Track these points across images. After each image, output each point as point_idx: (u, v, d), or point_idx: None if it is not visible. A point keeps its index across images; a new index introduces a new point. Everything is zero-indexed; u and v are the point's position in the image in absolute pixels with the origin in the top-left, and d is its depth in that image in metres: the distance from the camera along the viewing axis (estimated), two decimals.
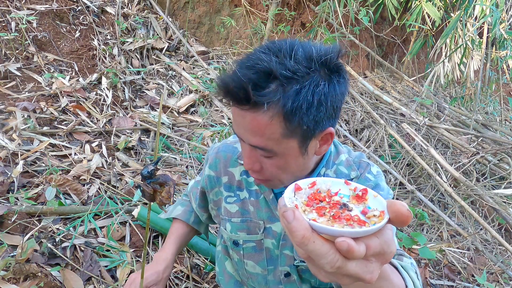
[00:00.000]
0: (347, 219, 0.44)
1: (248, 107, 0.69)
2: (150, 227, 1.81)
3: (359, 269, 0.43)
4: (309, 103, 0.69)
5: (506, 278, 2.12)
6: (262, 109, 0.68)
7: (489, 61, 3.78)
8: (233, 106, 0.73)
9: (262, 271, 1.02)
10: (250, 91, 0.66)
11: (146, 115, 2.74)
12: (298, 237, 0.41)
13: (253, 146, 0.75)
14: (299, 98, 0.68)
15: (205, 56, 3.72)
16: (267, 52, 0.69)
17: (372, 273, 0.44)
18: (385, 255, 0.45)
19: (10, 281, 1.39)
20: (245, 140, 0.76)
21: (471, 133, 3.16)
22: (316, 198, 0.48)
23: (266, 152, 0.76)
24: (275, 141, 0.73)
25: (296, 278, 0.99)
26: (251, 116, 0.70)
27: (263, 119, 0.70)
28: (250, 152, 0.78)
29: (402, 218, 0.43)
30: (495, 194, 2.48)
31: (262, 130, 0.71)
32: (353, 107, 3.34)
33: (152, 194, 0.85)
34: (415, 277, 0.71)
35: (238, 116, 0.74)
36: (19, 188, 1.82)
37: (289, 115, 0.69)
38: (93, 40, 3.05)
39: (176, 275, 1.70)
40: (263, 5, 3.69)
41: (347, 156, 0.96)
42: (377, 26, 4.10)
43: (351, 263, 0.42)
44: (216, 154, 1.04)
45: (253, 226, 0.99)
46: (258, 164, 0.80)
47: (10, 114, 2.26)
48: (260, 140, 0.73)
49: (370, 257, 0.44)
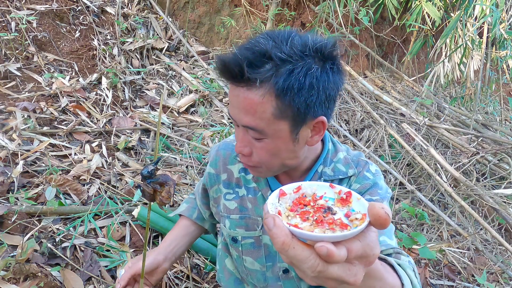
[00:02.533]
0: (329, 223, 0.45)
1: (243, 84, 0.73)
2: (150, 227, 1.81)
3: (342, 272, 0.43)
4: (300, 83, 0.71)
5: (506, 278, 2.12)
6: (255, 86, 0.72)
7: (489, 61, 3.78)
8: (229, 83, 0.77)
9: (261, 268, 1.02)
10: (244, 67, 0.70)
11: (146, 115, 2.74)
12: (278, 244, 0.42)
13: (245, 126, 0.77)
14: (291, 78, 0.70)
15: (205, 56, 3.72)
16: (265, 37, 0.73)
17: (355, 276, 0.45)
18: (368, 257, 0.45)
19: (10, 281, 1.39)
20: (238, 121, 0.78)
21: (471, 133, 3.16)
22: (300, 203, 0.49)
23: (257, 133, 0.77)
24: (266, 120, 0.74)
25: (295, 275, 1.00)
26: (244, 94, 0.73)
27: (255, 96, 0.72)
28: (242, 135, 0.80)
29: (380, 221, 0.43)
30: (495, 194, 2.48)
31: (254, 108, 0.73)
32: (353, 107, 3.34)
33: (152, 194, 0.85)
34: (413, 275, 0.71)
35: (233, 96, 0.77)
36: (19, 188, 1.82)
37: (280, 93, 0.71)
38: (93, 40, 3.05)
39: (176, 275, 1.70)
40: (263, 5, 3.69)
41: (345, 154, 0.96)
42: (377, 26, 4.09)
43: (333, 267, 0.43)
44: (216, 152, 1.06)
45: (251, 223, 0.99)
46: (249, 148, 0.81)
47: (10, 114, 2.26)
48: (251, 119, 0.75)
49: (352, 260, 0.44)
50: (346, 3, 3.33)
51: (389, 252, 0.81)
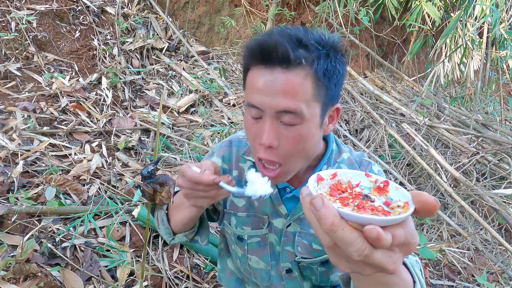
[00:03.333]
0: (371, 209, 0.45)
1: (284, 66, 0.73)
2: (150, 227, 1.81)
3: (384, 258, 0.43)
4: (334, 68, 0.77)
5: (506, 278, 2.12)
6: (297, 67, 0.73)
7: (489, 61, 3.78)
8: (261, 68, 0.75)
9: (266, 266, 1.02)
10: (289, 49, 0.71)
11: (146, 115, 2.74)
12: (327, 224, 0.41)
13: (282, 111, 0.75)
14: (327, 62, 0.75)
15: (205, 56, 3.72)
16: (289, 28, 0.76)
17: (395, 264, 0.44)
18: (409, 245, 0.45)
19: (10, 281, 1.39)
20: (273, 107, 0.75)
21: (471, 133, 3.16)
22: (338, 189, 0.49)
23: (294, 117, 0.75)
24: (306, 102, 0.75)
25: (298, 274, 1.00)
26: (284, 76, 0.73)
27: (297, 77, 0.73)
28: (271, 126, 0.77)
29: (429, 207, 0.43)
30: (495, 194, 2.48)
31: (295, 89, 0.73)
32: (353, 107, 3.34)
33: (152, 194, 0.85)
34: (420, 275, 0.71)
35: (264, 81, 0.74)
36: (19, 188, 1.82)
37: (320, 75, 0.75)
38: (93, 40, 3.05)
39: (176, 275, 1.70)
40: (263, 5, 3.69)
41: (349, 155, 0.97)
42: (377, 26, 4.10)
43: (377, 252, 0.42)
44: (229, 147, 1.02)
45: (257, 221, 0.99)
46: (278, 140, 0.78)
47: (10, 114, 2.26)
48: (292, 101, 0.74)
49: (394, 247, 0.44)
50: (346, 3, 3.33)
51: None
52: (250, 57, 0.78)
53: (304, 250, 0.95)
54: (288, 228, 0.95)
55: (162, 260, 1.74)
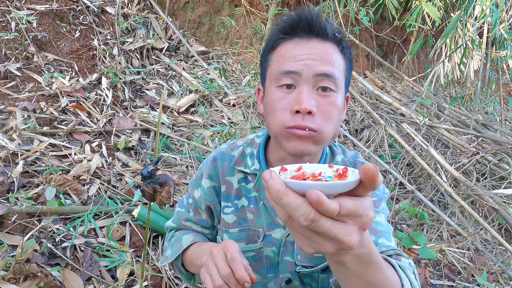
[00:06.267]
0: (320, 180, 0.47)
1: (320, 37, 0.80)
2: (150, 227, 1.81)
3: (335, 228, 0.44)
4: (350, 56, 0.85)
5: (506, 278, 2.12)
6: (331, 41, 0.80)
7: (489, 61, 3.78)
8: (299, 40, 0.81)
9: (262, 279, 1.00)
10: (326, 23, 0.79)
11: (146, 115, 2.74)
12: (274, 192, 0.44)
13: (322, 74, 0.77)
14: (349, 49, 0.84)
15: (205, 56, 3.72)
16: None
17: (350, 236, 0.45)
18: (361, 217, 0.46)
19: (10, 281, 1.39)
20: (312, 69, 0.77)
21: (471, 133, 3.16)
22: (300, 177, 0.52)
23: (332, 82, 0.78)
24: (340, 71, 0.81)
25: (298, 283, 0.98)
26: (321, 45, 0.79)
27: (332, 49, 0.80)
28: (309, 92, 0.78)
29: (369, 174, 0.44)
30: (495, 194, 2.48)
31: (333, 57, 0.79)
32: (353, 107, 3.34)
33: (152, 194, 0.85)
34: (413, 278, 0.71)
35: (304, 48, 0.79)
36: (19, 188, 1.82)
37: (346, 55, 0.83)
38: (93, 40, 3.05)
39: (176, 275, 1.70)
40: (263, 5, 3.69)
41: (342, 157, 0.96)
42: (377, 26, 4.10)
43: (327, 221, 0.44)
44: (213, 163, 0.99)
45: (251, 235, 0.96)
46: (316, 107, 0.78)
47: (10, 114, 2.26)
48: (330, 67, 0.78)
49: (345, 217, 0.45)
50: (346, 3, 3.33)
51: (390, 253, 0.80)
52: (288, 29, 0.81)
53: (304, 258, 0.93)
54: (287, 237, 0.93)
55: None
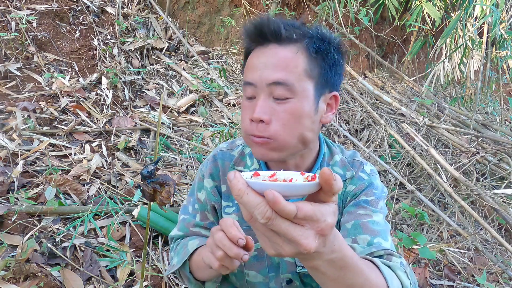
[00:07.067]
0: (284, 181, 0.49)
1: (276, 42, 0.79)
2: (150, 227, 1.81)
3: (292, 230, 0.46)
4: (328, 51, 0.81)
5: (506, 278, 2.12)
6: (289, 43, 0.79)
7: (489, 61, 3.78)
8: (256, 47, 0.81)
9: (264, 279, 0.99)
10: (281, 25, 0.78)
11: (146, 115, 2.74)
12: (235, 191, 0.46)
13: (273, 83, 0.76)
14: (322, 43, 0.80)
15: (205, 56, 3.72)
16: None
17: (307, 239, 0.46)
18: (319, 222, 0.47)
19: (10, 281, 1.39)
20: (264, 80, 0.77)
21: (471, 133, 3.16)
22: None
23: (285, 90, 0.77)
24: (297, 75, 0.77)
25: (299, 284, 0.98)
26: (276, 50, 0.78)
27: (288, 52, 0.78)
28: (263, 101, 0.78)
29: (324, 176, 0.46)
30: (495, 194, 2.48)
31: (286, 62, 0.77)
32: (353, 107, 3.34)
33: (152, 194, 0.85)
34: (404, 277, 0.70)
35: (258, 57, 0.80)
36: (19, 188, 1.82)
37: (311, 52, 0.79)
38: (93, 40, 3.05)
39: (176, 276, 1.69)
40: (263, 5, 3.69)
41: (341, 157, 0.95)
42: (377, 26, 4.10)
43: (283, 220, 0.45)
44: (214, 163, 0.99)
45: (253, 234, 0.96)
46: (269, 115, 0.78)
47: (10, 114, 2.26)
48: (283, 73, 0.77)
49: (302, 221, 0.46)
50: (346, 3, 3.33)
51: (380, 253, 0.79)
52: (248, 39, 0.82)
53: None
54: None
55: (162, 260, 1.74)
